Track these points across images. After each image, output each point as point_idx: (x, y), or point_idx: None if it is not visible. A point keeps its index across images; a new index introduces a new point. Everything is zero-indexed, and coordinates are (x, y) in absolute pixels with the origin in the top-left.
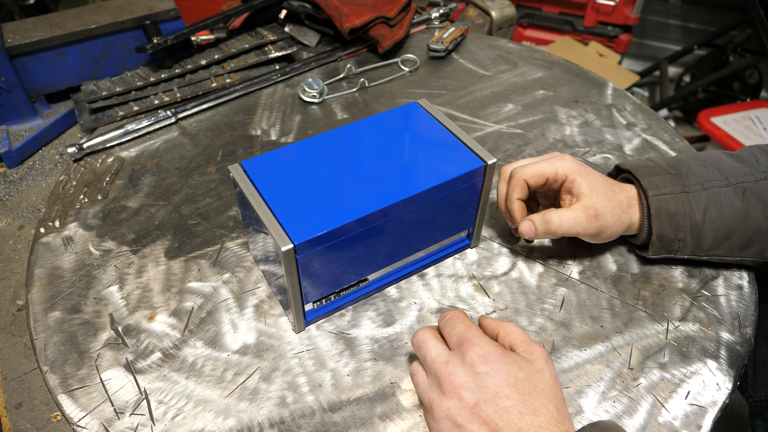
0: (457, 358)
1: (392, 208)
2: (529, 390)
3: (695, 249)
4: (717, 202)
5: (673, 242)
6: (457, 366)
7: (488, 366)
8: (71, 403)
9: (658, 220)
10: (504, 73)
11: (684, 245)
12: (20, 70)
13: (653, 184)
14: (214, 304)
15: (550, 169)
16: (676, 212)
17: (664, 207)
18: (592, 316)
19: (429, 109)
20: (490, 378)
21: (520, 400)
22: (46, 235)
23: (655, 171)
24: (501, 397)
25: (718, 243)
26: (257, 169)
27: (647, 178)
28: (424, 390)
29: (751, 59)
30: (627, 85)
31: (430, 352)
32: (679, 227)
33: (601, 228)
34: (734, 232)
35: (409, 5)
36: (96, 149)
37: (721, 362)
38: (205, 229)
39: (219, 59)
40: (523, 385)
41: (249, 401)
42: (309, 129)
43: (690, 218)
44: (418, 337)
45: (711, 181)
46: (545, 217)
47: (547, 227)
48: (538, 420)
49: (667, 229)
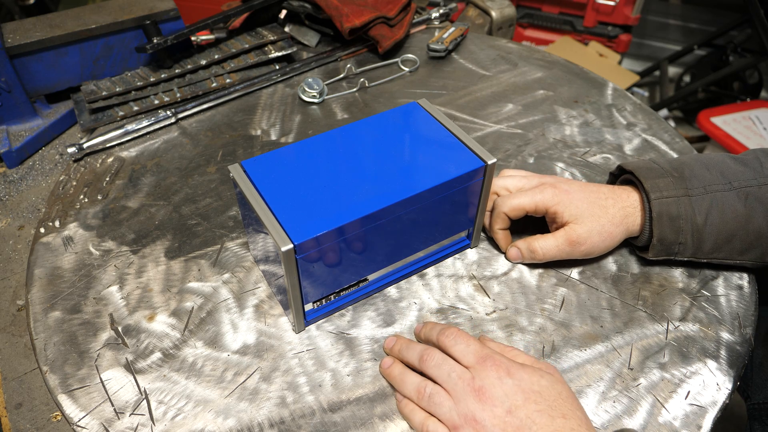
0: (481, 373)
1: (392, 208)
2: (554, 396)
3: (695, 252)
4: (719, 206)
5: (673, 245)
6: (484, 380)
7: (513, 377)
8: (71, 403)
9: (659, 223)
10: (504, 73)
11: (684, 248)
12: (20, 70)
13: (656, 187)
14: (214, 304)
15: (530, 204)
16: (677, 215)
17: (666, 210)
18: (592, 316)
19: (429, 109)
20: (517, 387)
21: (548, 405)
22: (46, 235)
23: (658, 173)
24: (530, 402)
25: (718, 246)
26: (257, 169)
27: (650, 181)
28: (451, 408)
29: (751, 59)
30: (627, 85)
31: (455, 370)
32: (680, 231)
33: (587, 251)
34: (735, 237)
35: (409, 5)
36: (96, 149)
37: (721, 362)
38: (205, 229)
39: (219, 59)
40: (548, 391)
41: (249, 401)
42: (309, 129)
43: (691, 222)
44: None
45: (714, 185)
46: (530, 246)
47: (532, 255)
48: (569, 423)
49: (668, 233)
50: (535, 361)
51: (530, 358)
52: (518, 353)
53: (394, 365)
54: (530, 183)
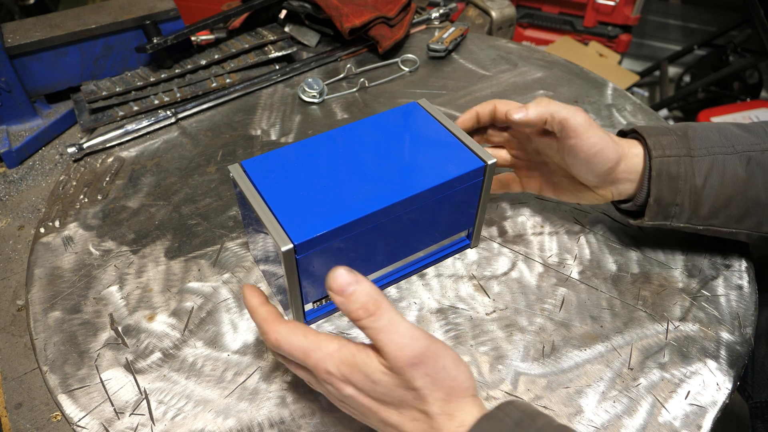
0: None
1: (392, 208)
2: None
3: (691, 217)
4: (720, 168)
5: (670, 206)
6: (324, 387)
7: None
8: (71, 403)
9: (658, 182)
10: (504, 73)
11: (681, 211)
12: (20, 70)
13: (659, 144)
14: (214, 304)
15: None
16: (677, 176)
17: (666, 170)
18: (592, 316)
19: (429, 109)
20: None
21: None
22: (46, 235)
23: (661, 131)
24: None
25: (715, 212)
26: (257, 169)
27: (653, 138)
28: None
29: (751, 59)
30: (627, 85)
31: (302, 377)
32: (678, 191)
33: (590, 123)
34: (733, 202)
35: (409, 5)
36: (96, 149)
37: (721, 362)
38: (205, 229)
39: (219, 59)
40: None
41: (249, 401)
42: (309, 129)
43: (690, 183)
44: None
45: (717, 147)
46: (539, 98)
47: (541, 101)
48: None
49: (665, 193)
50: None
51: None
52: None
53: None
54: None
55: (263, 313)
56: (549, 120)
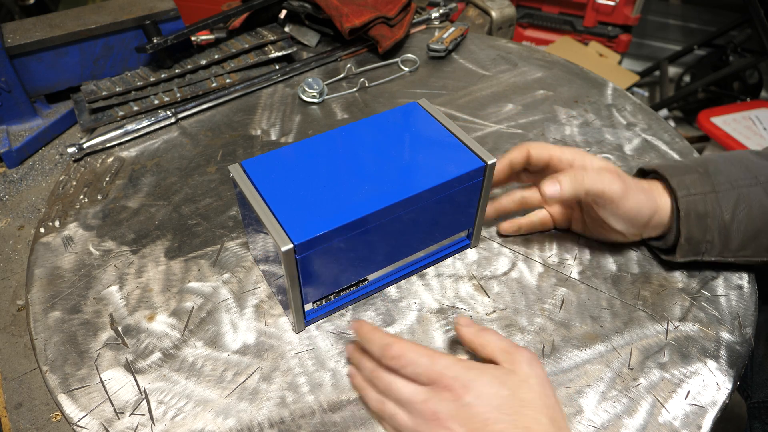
0: (435, 396)
1: (392, 208)
2: (516, 407)
3: (722, 251)
4: (746, 201)
5: (701, 244)
6: (438, 404)
7: (470, 395)
8: (71, 403)
9: (687, 221)
10: (504, 73)
11: (711, 247)
12: (20, 70)
13: (683, 184)
14: (214, 304)
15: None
16: (705, 213)
17: (694, 209)
18: (592, 316)
19: (429, 109)
20: (474, 407)
21: (510, 421)
22: (46, 235)
23: (682, 170)
24: (490, 423)
25: (745, 244)
26: (257, 169)
27: (676, 177)
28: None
29: (751, 59)
30: (627, 85)
31: (403, 393)
32: (707, 229)
33: (625, 189)
34: (762, 233)
35: (409, 5)
36: (96, 149)
37: (721, 362)
38: (205, 229)
39: (219, 59)
40: (509, 403)
41: (249, 401)
42: (309, 129)
43: (719, 219)
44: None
45: (740, 180)
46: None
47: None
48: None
49: (695, 231)
50: (508, 349)
51: (502, 345)
52: (491, 339)
53: (355, 376)
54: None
55: (381, 332)
56: (584, 196)
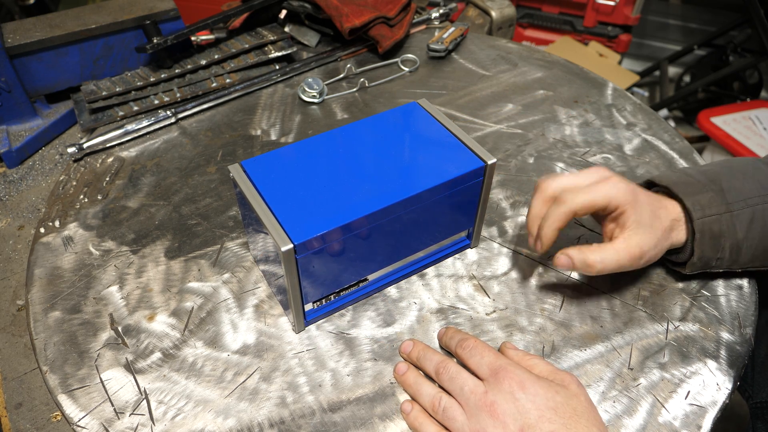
0: (495, 387)
1: (392, 208)
2: (569, 413)
3: (732, 264)
4: (761, 220)
5: (711, 260)
6: (497, 395)
7: (526, 391)
8: (71, 403)
9: (701, 242)
10: (504, 73)
11: (722, 262)
12: (20, 70)
13: (698, 205)
14: (214, 304)
15: (603, 200)
16: (719, 234)
17: (708, 229)
18: (592, 316)
19: (429, 109)
20: (530, 403)
21: (563, 423)
22: (46, 235)
23: (696, 188)
24: (544, 421)
25: (755, 257)
26: (257, 169)
27: (690, 198)
28: (464, 424)
29: (751, 59)
30: (627, 85)
31: (468, 384)
32: (720, 248)
33: (642, 264)
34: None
35: (409, 5)
36: (96, 149)
37: (721, 362)
38: (205, 229)
39: (219, 59)
40: (563, 408)
41: (249, 401)
42: (309, 129)
43: (732, 238)
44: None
45: (754, 198)
46: (586, 259)
47: (587, 268)
48: None
49: (708, 251)
50: (555, 371)
51: (549, 368)
52: (537, 362)
53: (409, 372)
54: (589, 177)
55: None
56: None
